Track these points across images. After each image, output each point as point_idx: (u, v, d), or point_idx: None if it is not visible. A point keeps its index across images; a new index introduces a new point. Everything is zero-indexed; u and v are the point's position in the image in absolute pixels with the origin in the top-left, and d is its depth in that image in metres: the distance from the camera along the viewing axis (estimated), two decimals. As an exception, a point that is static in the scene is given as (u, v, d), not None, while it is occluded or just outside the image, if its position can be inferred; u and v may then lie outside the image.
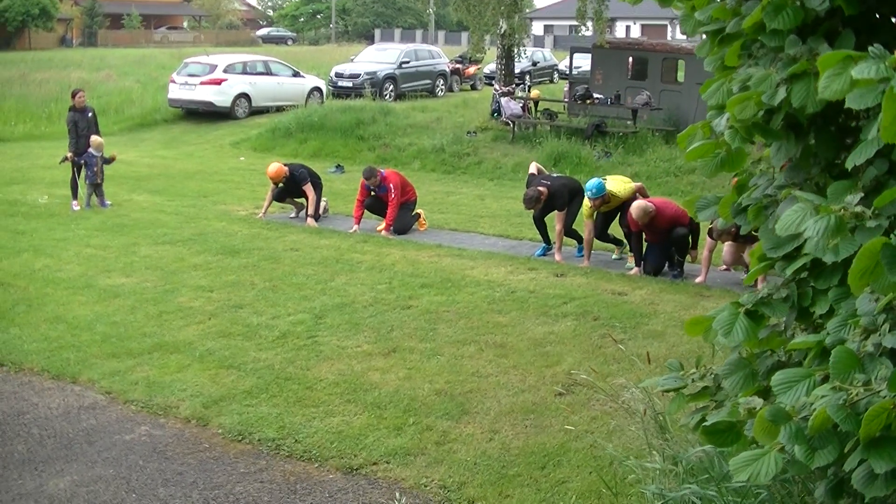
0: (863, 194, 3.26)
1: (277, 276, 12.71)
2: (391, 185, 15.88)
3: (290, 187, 17.19)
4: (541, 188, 13.79)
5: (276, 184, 17.12)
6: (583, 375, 7.81)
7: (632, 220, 12.85)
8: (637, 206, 12.69)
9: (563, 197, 13.77)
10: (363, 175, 15.99)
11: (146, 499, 6.86)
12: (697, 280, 12.59)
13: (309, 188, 16.83)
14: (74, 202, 17.82)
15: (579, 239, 14.13)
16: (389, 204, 15.86)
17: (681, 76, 28.02)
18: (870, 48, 2.66)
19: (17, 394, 8.87)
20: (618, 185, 13.57)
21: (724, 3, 4.17)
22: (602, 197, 13.43)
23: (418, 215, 16.53)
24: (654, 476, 5.81)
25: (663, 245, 13.09)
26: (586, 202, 13.45)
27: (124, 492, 6.97)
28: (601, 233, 14.09)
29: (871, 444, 2.82)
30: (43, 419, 8.28)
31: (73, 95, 18.62)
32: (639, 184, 14.18)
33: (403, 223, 16.07)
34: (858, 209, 3.06)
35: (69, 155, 17.92)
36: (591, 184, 13.44)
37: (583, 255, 13.80)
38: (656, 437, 6.18)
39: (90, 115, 18.44)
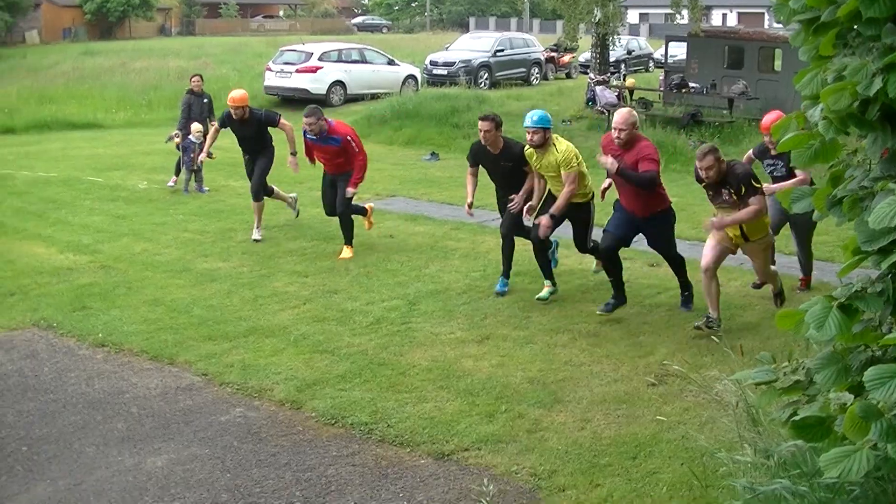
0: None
1: (372, 263, 12.81)
2: (348, 138, 13.40)
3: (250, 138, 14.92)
4: None
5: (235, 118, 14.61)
6: (675, 366, 7.77)
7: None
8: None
9: None
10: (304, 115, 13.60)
11: (240, 479, 6.99)
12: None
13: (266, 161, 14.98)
14: (174, 178, 18.24)
15: None
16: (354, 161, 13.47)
17: (778, 65, 27.65)
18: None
19: (117, 373, 9.09)
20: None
21: (818, -10, 4.13)
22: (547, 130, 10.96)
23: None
24: (745, 469, 5.77)
25: None
26: None
27: (219, 471, 7.11)
28: None
29: (964, 442, 2.79)
30: (142, 398, 8.47)
31: (191, 79, 19.35)
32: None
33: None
34: (954, 203, 3.03)
35: (175, 134, 18.38)
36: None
37: None
38: (748, 431, 6.13)
39: (206, 101, 18.95)
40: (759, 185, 9.75)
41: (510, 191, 11.54)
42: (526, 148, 11.25)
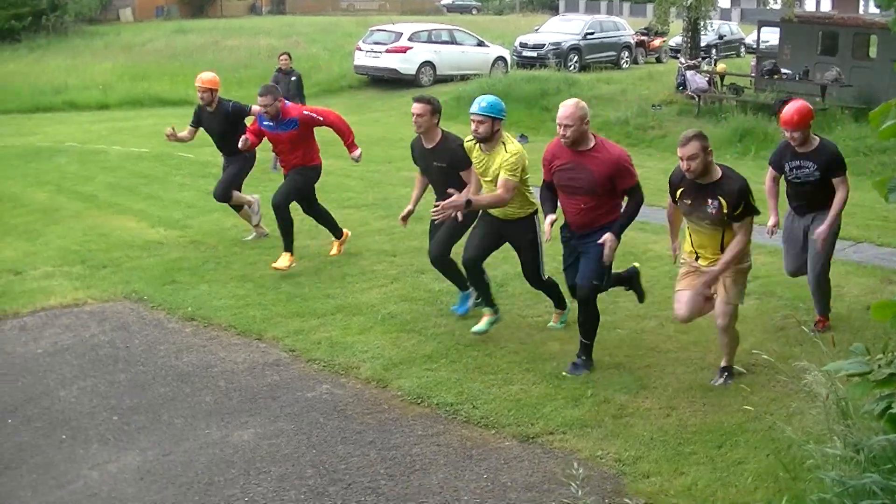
0: None
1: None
2: (304, 112, 12.09)
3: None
4: None
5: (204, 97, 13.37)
6: (764, 356, 7.68)
7: None
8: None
9: None
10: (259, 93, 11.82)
11: (325, 455, 7.08)
12: None
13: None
14: None
15: None
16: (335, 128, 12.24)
17: (873, 52, 27.15)
18: None
19: (205, 347, 9.25)
20: None
21: (923, -23, 4.06)
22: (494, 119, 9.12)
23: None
24: (833, 462, 5.70)
25: None
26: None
27: (304, 447, 7.21)
28: None
29: None
30: (229, 373, 8.62)
31: (279, 57, 19.70)
32: None
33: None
34: None
35: None
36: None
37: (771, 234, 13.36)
38: (838, 423, 6.05)
39: (294, 78, 19.24)
40: (755, 206, 8.01)
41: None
42: (467, 139, 9.49)
